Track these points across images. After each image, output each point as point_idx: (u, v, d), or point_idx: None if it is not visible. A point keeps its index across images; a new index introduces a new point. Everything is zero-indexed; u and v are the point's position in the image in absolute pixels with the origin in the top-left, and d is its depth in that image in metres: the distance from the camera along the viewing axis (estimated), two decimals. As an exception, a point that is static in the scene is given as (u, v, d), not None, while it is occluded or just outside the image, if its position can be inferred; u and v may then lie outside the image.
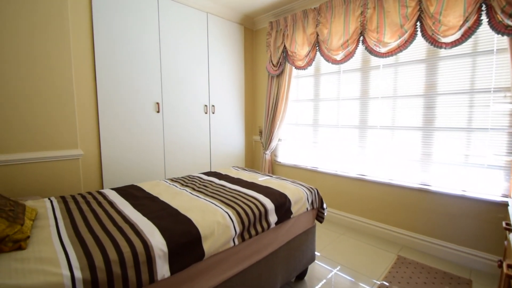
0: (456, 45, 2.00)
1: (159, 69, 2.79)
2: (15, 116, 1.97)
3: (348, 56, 2.62)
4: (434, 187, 2.32)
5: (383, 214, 2.65)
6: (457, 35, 1.96)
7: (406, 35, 2.22)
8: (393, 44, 2.29)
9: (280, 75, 3.32)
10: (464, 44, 2.01)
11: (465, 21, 1.89)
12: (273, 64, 3.32)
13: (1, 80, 1.91)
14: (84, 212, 1.49)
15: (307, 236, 1.96)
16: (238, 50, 3.60)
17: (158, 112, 2.81)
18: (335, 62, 2.74)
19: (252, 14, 3.54)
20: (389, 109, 2.59)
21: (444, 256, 2.27)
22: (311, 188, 2.00)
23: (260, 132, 3.84)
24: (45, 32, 2.07)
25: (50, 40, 2.09)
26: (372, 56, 2.59)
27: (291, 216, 1.78)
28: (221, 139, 3.50)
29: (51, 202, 1.64)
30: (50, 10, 2.08)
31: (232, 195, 1.75)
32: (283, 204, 1.72)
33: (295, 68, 3.15)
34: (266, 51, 3.52)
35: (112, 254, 1.07)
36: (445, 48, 2.06)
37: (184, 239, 1.24)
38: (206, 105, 3.26)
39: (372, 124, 2.71)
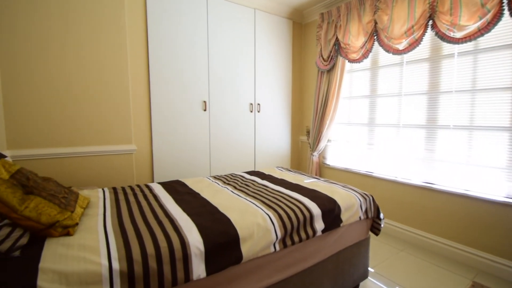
0: None
1: (206, 67, 2.82)
2: (79, 113, 2.17)
3: (413, 44, 2.28)
4: (527, 202, 1.86)
5: (454, 231, 2.23)
6: None
7: (488, 16, 1.82)
8: (472, 27, 1.90)
9: (331, 70, 3.09)
10: None
11: None
12: (323, 59, 3.11)
13: (66, 81, 2.11)
14: (130, 203, 1.54)
15: (359, 249, 1.73)
16: (285, 46, 3.47)
17: (205, 110, 2.85)
18: (396, 52, 2.41)
19: (301, 7, 3.38)
20: (466, 105, 2.17)
21: (541, 290, 1.79)
22: (365, 194, 1.77)
23: (308, 132, 3.64)
24: (105, 37, 2.23)
25: (109, 44, 2.25)
26: (444, 43, 2.21)
27: (341, 225, 1.58)
28: (266, 139, 3.41)
29: (104, 192, 1.73)
30: (109, 17, 2.24)
31: (275, 196, 1.63)
32: (331, 210, 1.54)
33: (348, 61, 2.89)
34: (316, 45, 3.32)
35: (150, 248, 1.05)
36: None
37: (221, 239, 1.18)
38: (251, 104, 3.21)
39: (443, 123, 2.31)
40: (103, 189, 1.80)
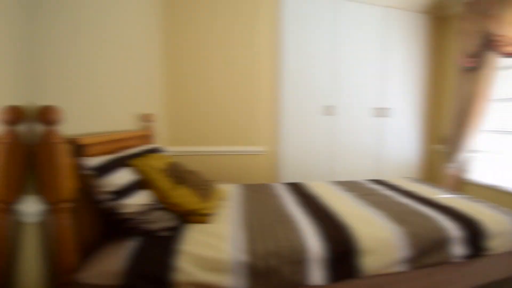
0: None
1: (332, 72, 2.83)
2: (215, 116, 2.58)
3: None
4: None
5: None
6: None
7: None
8: None
9: (477, 67, 2.55)
10: None
11: None
12: (467, 55, 2.60)
13: (209, 90, 2.54)
14: (257, 200, 1.71)
15: (510, 285, 1.39)
16: (419, 44, 3.06)
17: (329, 115, 2.86)
18: None
19: (440, -1, 2.92)
20: None
21: None
22: (526, 220, 1.40)
23: (444, 141, 3.10)
24: (242, 46, 2.56)
25: (244, 52, 2.56)
26: None
27: (487, 253, 1.33)
28: (392, 146, 3.11)
29: (236, 188, 2.02)
30: (245, 28, 2.55)
31: (401, 209, 1.52)
32: (475, 234, 1.32)
33: (502, 56, 2.32)
34: (458, 40, 2.81)
35: (271, 246, 1.11)
36: None
37: (341, 247, 1.17)
38: (377, 108, 3.00)
39: None
40: (236, 185, 2.09)
